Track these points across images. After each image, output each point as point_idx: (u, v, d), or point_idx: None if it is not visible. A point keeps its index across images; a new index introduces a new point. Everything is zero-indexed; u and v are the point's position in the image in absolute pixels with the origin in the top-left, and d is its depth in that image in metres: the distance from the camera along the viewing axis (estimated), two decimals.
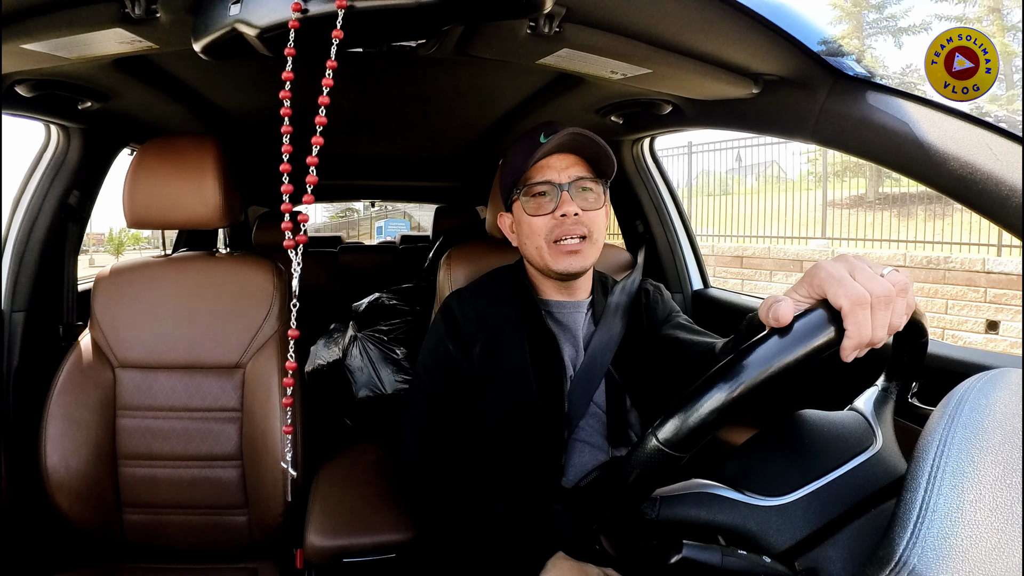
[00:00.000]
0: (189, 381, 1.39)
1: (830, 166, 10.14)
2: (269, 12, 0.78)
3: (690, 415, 0.56)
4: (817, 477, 0.65)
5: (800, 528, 0.62)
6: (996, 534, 0.43)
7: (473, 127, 2.10)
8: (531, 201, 1.16)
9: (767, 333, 0.57)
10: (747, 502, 0.64)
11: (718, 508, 0.65)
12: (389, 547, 1.21)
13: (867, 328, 0.56)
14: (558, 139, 1.11)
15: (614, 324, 1.23)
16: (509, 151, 1.23)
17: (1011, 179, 0.83)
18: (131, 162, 1.40)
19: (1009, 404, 0.52)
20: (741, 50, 1.07)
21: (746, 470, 0.68)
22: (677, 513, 0.65)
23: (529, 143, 1.15)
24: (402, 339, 2.19)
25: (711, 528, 0.64)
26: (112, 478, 1.35)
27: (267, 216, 3.48)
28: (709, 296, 2.01)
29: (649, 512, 0.64)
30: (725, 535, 0.63)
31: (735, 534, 0.63)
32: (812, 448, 0.68)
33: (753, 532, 0.63)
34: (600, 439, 1.19)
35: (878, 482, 0.65)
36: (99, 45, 1.00)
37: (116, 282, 1.41)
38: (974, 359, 1.07)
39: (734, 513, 0.64)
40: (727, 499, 0.65)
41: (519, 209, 1.19)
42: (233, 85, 1.55)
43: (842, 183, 10.89)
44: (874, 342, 0.57)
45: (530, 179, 1.15)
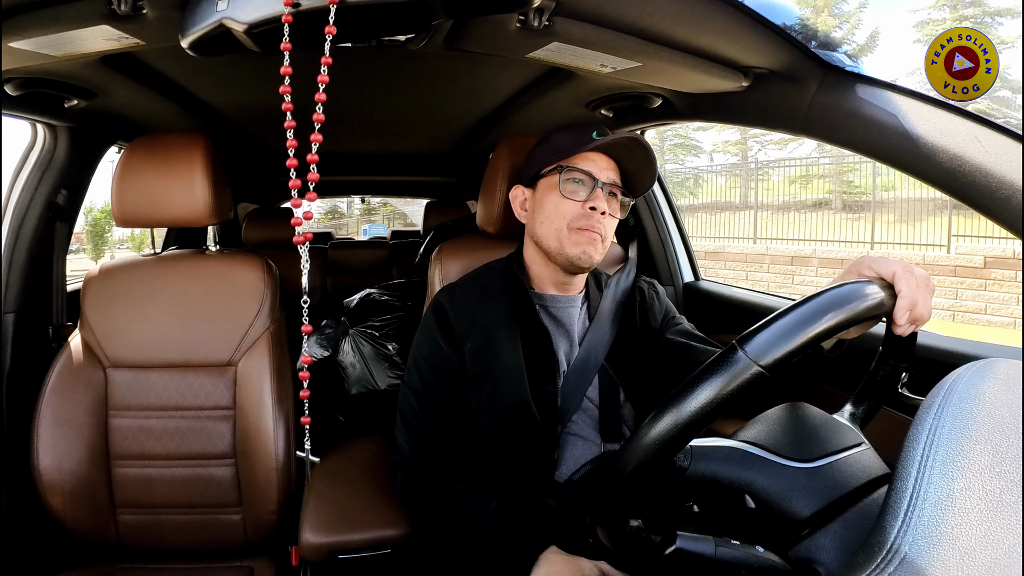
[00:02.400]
0: (181, 380, 1.38)
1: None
2: (257, 7, 0.78)
3: (784, 333, 0.58)
4: (834, 452, 0.67)
5: (824, 495, 0.63)
6: (986, 521, 0.44)
7: (463, 121, 2.09)
8: (568, 184, 1.15)
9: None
10: (777, 462, 0.66)
11: (748, 465, 0.66)
12: (384, 543, 1.21)
13: (915, 293, 0.68)
14: (618, 137, 1.13)
15: (608, 321, 1.24)
16: (555, 131, 1.23)
17: (1000, 171, 0.84)
18: (119, 160, 1.38)
19: (998, 393, 0.53)
20: (731, 43, 1.07)
21: (771, 434, 0.69)
22: (708, 467, 0.66)
23: (580, 131, 1.17)
24: (394, 335, 2.19)
25: (739, 487, 0.65)
26: (105, 479, 1.34)
27: (257, 213, 3.46)
28: (700, 289, 2.02)
29: (682, 460, 0.65)
30: (752, 495, 0.64)
31: (762, 496, 0.64)
32: (820, 429, 0.70)
33: (781, 494, 0.64)
34: (593, 433, 1.19)
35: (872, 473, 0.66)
36: (85, 42, 1.00)
37: (106, 282, 1.40)
38: (963, 349, 1.08)
39: (764, 473, 0.65)
40: (758, 457, 0.66)
41: (549, 187, 1.18)
42: (221, 82, 1.54)
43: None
44: (920, 317, 0.69)
45: (574, 163, 1.16)
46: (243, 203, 3.69)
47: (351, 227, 23.67)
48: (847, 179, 12.44)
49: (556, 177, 1.16)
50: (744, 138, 21.66)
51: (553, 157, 1.18)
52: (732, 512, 0.65)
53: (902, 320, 0.68)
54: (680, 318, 1.33)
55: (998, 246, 8.02)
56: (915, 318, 0.70)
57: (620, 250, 1.64)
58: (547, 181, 1.19)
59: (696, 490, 0.66)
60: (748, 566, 0.60)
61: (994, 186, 0.84)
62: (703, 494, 0.66)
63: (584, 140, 1.14)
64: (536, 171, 1.21)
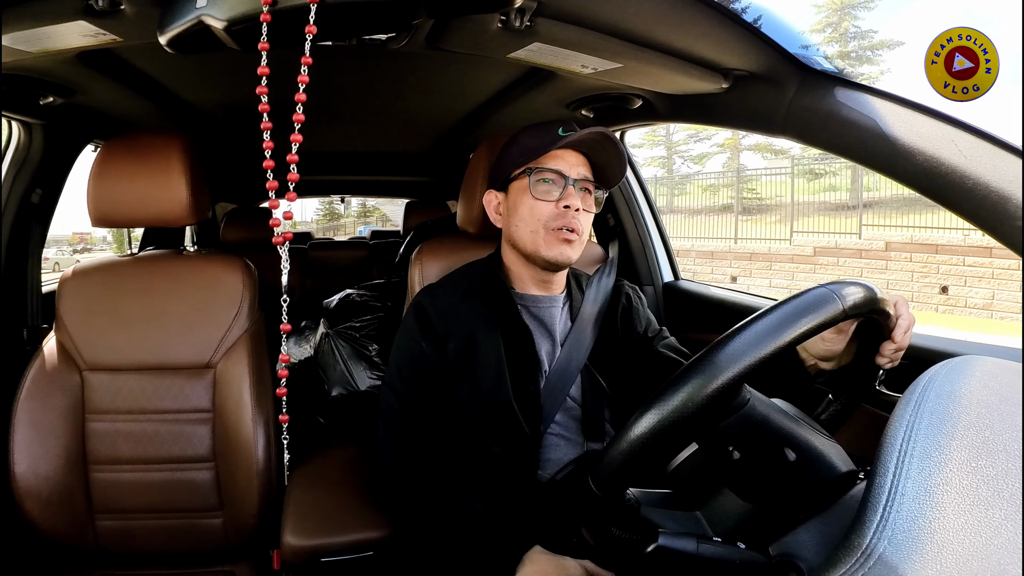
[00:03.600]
0: (159, 383, 1.36)
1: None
2: (237, 4, 0.77)
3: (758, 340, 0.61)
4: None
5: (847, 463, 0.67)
6: (963, 515, 0.44)
7: (444, 121, 2.09)
8: (539, 186, 1.15)
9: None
10: (816, 427, 0.70)
11: (795, 421, 0.70)
12: (367, 545, 1.20)
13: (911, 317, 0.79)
14: (584, 134, 1.13)
15: (591, 322, 1.24)
16: (521, 132, 1.23)
17: (976, 173, 0.86)
18: (95, 159, 1.36)
19: (973, 390, 0.54)
20: (711, 45, 1.08)
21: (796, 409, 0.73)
22: (764, 410, 0.69)
23: (546, 131, 1.17)
24: (374, 335, 2.17)
25: (786, 436, 0.67)
26: (83, 484, 1.32)
27: (235, 213, 3.43)
28: (680, 288, 2.03)
29: (744, 394, 0.68)
30: (796, 447, 0.67)
31: (803, 447, 0.67)
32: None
33: (821, 451, 0.67)
34: (575, 433, 1.19)
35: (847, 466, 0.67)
36: (62, 38, 0.98)
37: (82, 283, 1.38)
38: (939, 347, 1.10)
39: (808, 431, 0.69)
40: (801, 419, 0.71)
41: (520, 190, 1.18)
42: (199, 80, 1.53)
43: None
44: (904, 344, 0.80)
45: (543, 163, 1.15)
46: (221, 203, 3.65)
47: (349, 228, 26.12)
48: (750, 187, 14.88)
49: (527, 179, 1.16)
50: (670, 154, 25.65)
51: (522, 159, 1.18)
52: (770, 462, 0.67)
53: (901, 338, 0.81)
54: (664, 331, 1.34)
55: (824, 239, 11.01)
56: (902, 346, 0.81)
57: (600, 250, 1.65)
58: (518, 184, 1.19)
59: (743, 433, 0.67)
60: (730, 562, 0.61)
61: (969, 186, 0.86)
62: (749, 439, 0.67)
63: (551, 138, 1.14)
64: (506, 175, 1.21)
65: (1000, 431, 0.50)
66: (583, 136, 1.13)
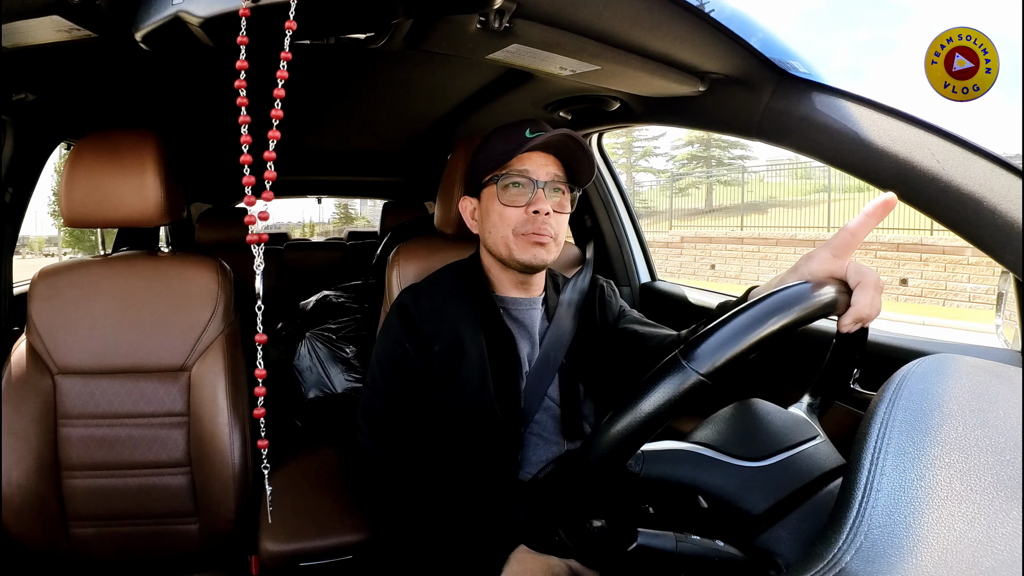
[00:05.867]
0: (133, 386, 1.34)
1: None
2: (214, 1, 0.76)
3: (724, 343, 0.58)
4: (787, 448, 0.68)
5: (777, 492, 0.64)
6: (937, 510, 0.45)
7: (421, 122, 2.08)
8: (507, 191, 1.15)
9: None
10: (728, 462, 0.66)
11: (700, 467, 0.66)
12: (346, 548, 1.19)
13: (869, 303, 0.70)
14: (549, 136, 1.12)
15: (567, 320, 1.25)
16: (490, 136, 1.23)
17: (948, 176, 0.88)
18: (67, 157, 1.34)
19: (946, 388, 0.55)
20: (689, 49, 1.09)
21: (723, 434, 0.70)
22: (660, 470, 0.66)
23: (513, 134, 1.16)
24: (351, 337, 2.16)
25: (691, 488, 0.65)
26: (56, 491, 1.30)
27: (210, 213, 3.38)
28: (657, 289, 2.05)
29: (633, 466, 0.65)
30: (705, 495, 0.65)
31: (715, 495, 0.65)
32: (773, 426, 0.71)
33: (733, 493, 0.64)
34: (555, 433, 1.20)
35: (826, 466, 0.67)
36: (35, 33, 0.96)
37: (53, 284, 1.35)
38: (912, 346, 1.12)
39: (716, 473, 0.66)
40: (709, 458, 0.67)
41: (490, 196, 1.18)
42: (175, 77, 1.50)
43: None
44: (868, 316, 0.71)
45: (511, 169, 1.15)
46: (196, 203, 3.60)
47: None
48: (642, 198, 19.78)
49: (495, 185, 1.17)
50: (630, 163, 31.74)
51: (491, 164, 1.18)
52: (687, 512, 0.66)
53: (847, 321, 0.71)
54: (632, 311, 1.36)
55: (648, 236, 12.99)
56: (861, 318, 0.71)
57: (577, 251, 1.65)
58: (488, 190, 1.19)
59: (650, 493, 0.67)
60: (709, 559, 0.62)
61: (941, 188, 0.88)
62: (657, 496, 0.67)
63: (518, 141, 1.14)
64: (478, 180, 1.22)
65: (972, 427, 0.51)
66: (549, 138, 1.12)
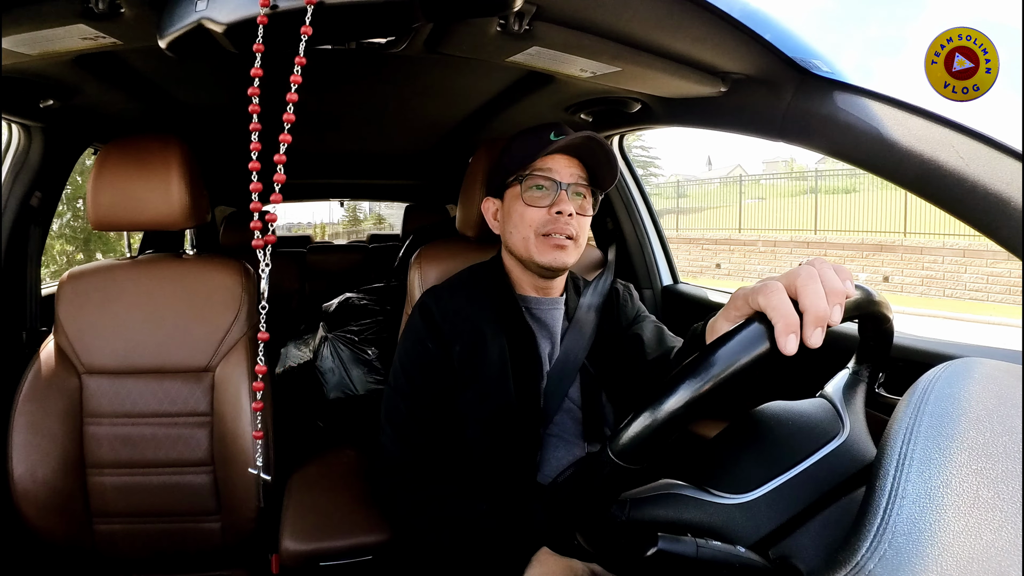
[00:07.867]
0: (157, 386, 1.36)
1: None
2: (236, 8, 0.77)
3: (637, 427, 0.57)
4: (781, 472, 0.66)
5: (764, 524, 0.63)
6: (963, 517, 0.44)
7: (443, 125, 2.09)
8: (530, 192, 1.16)
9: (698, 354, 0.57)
10: (712, 500, 0.65)
11: (684, 507, 0.66)
12: (365, 549, 1.20)
13: (789, 307, 0.54)
14: (572, 138, 1.13)
15: (587, 322, 1.24)
16: (514, 138, 1.24)
17: (974, 175, 0.85)
18: (95, 162, 1.36)
19: (974, 392, 0.54)
20: (709, 49, 1.08)
21: (711, 469, 0.69)
22: (646, 514, 0.66)
23: (537, 136, 1.17)
24: (373, 339, 2.17)
25: (678, 528, 0.65)
26: (81, 488, 1.32)
27: (234, 216, 3.42)
28: (679, 292, 2.03)
29: (619, 515, 0.65)
30: (694, 531, 0.64)
31: (703, 530, 0.64)
32: (778, 442, 0.69)
33: (720, 528, 0.64)
34: (575, 435, 1.19)
35: (846, 471, 0.66)
36: (62, 41, 0.98)
37: (81, 286, 1.38)
38: (939, 349, 1.10)
39: (700, 511, 0.65)
40: (692, 498, 0.66)
41: (513, 197, 1.19)
42: (199, 82, 1.53)
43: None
44: (821, 316, 0.54)
45: (534, 170, 1.16)
46: (221, 206, 3.65)
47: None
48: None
49: (519, 186, 1.17)
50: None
51: (514, 166, 1.19)
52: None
53: (788, 346, 0.54)
54: (648, 315, 1.35)
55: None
56: (817, 319, 0.55)
57: (599, 254, 1.65)
58: (512, 191, 1.20)
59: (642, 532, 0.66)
60: (729, 565, 0.61)
61: (967, 188, 0.86)
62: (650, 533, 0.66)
63: (542, 143, 1.15)
64: (501, 181, 1.23)
65: (1000, 433, 0.50)
66: (571, 141, 1.13)
